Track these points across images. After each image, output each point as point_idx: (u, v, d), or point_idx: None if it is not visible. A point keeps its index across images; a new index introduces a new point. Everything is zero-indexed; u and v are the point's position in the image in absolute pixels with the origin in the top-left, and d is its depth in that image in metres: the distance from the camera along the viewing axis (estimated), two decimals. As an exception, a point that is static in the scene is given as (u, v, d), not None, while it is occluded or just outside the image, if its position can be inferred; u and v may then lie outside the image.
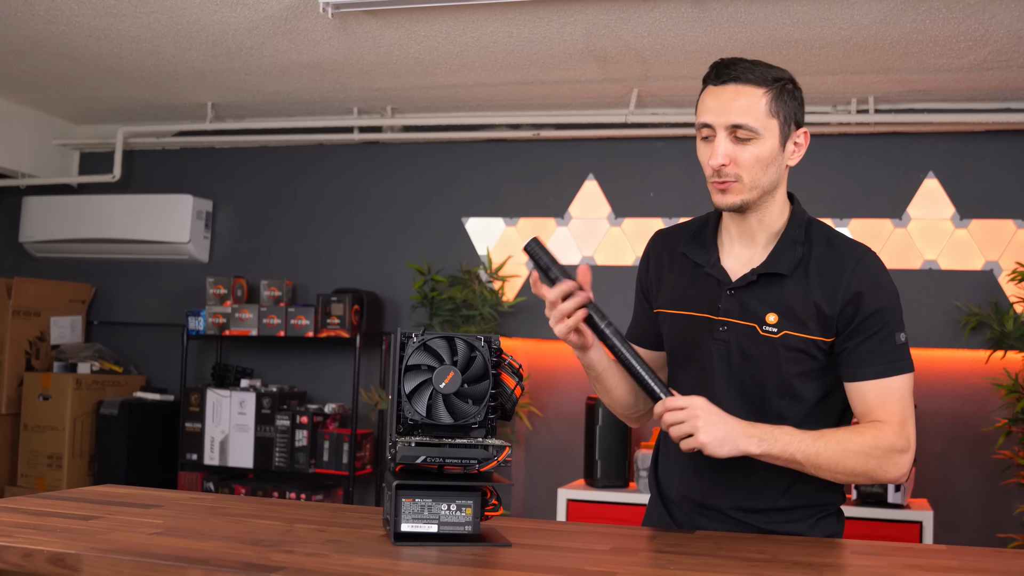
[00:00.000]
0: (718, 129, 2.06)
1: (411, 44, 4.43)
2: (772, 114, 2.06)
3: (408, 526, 1.82)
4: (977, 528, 4.77)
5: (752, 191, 2.08)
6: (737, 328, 2.12)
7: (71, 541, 1.75)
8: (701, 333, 2.16)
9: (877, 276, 2.10)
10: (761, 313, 2.10)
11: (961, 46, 4.16)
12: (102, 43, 4.60)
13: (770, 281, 2.11)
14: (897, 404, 2.06)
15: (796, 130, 2.13)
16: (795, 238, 2.13)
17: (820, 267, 2.10)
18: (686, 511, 2.21)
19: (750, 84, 2.05)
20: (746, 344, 2.11)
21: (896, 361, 2.07)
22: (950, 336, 4.87)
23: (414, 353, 1.86)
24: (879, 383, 2.07)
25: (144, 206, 5.85)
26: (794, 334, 2.08)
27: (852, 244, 2.15)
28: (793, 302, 2.09)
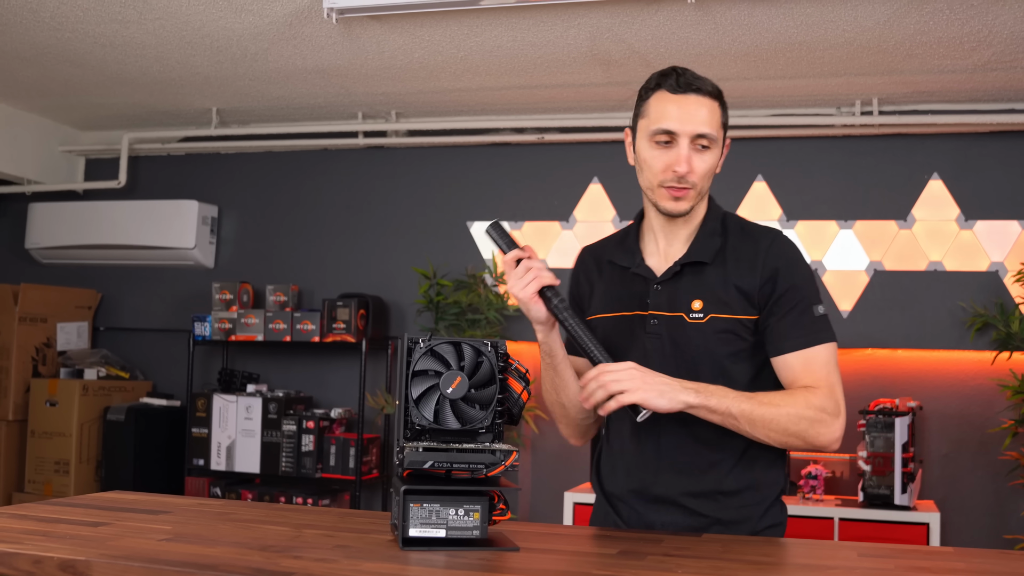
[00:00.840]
0: (682, 137, 2.13)
1: (415, 49, 4.44)
2: (721, 124, 2.18)
3: (416, 531, 1.82)
4: (984, 530, 4.77)
5: (699, 197, 2.20)
6: (666, 319, 2.20)
7: (81, 548, 1.75)
8: (634, 329, 2.24)
9: (791, 254, 2.20)
10: (687, 302, 2.19)
11: (965, 47, 4.17)
12: (107, 50, 4.62)
13: (693, 271, 2.21)
14: (823, 371, 2.15)
15: (726, 139, 2.25)
16: (712, 229, 2.24)
17: (737, 251, 2.21)
18: (634, 507, 2.24)
19: (708, 95, 2.15)
20: (676, 334, 2.19)
21: (817, 332, 2.16)
22: (956, 337, 4.87)
23: (421, 358, 1.86)
24: (803, 353, 2.15)
25: (149, 212, 5.87)
26: (719, 316, 2.17)
27: (765, 228, 2.26)
28: (715, 287, 2.18)
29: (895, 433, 4.44)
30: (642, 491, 2.22)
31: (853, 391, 4.89)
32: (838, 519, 4.42)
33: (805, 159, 5.13)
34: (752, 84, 4.76)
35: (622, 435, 2.28)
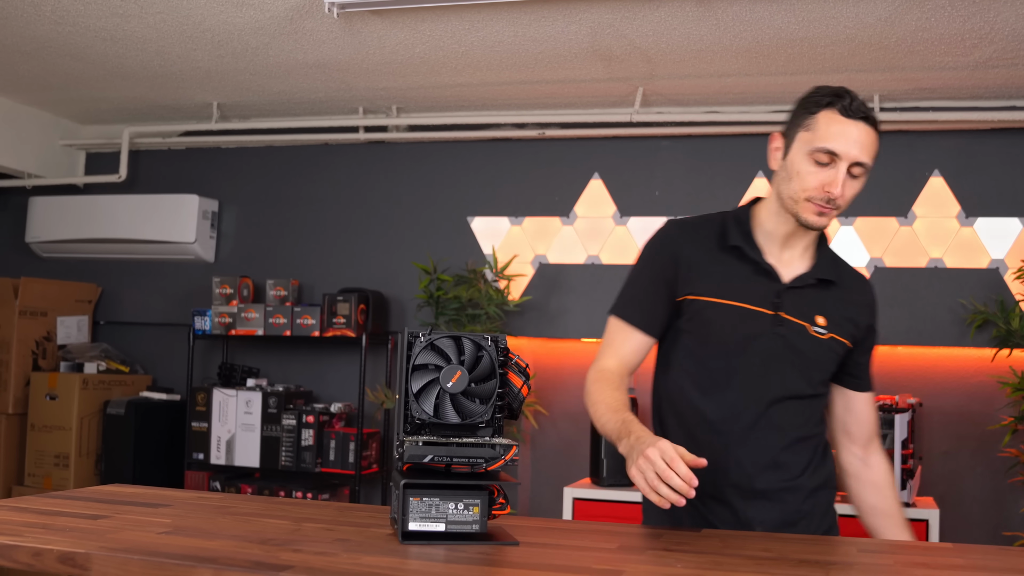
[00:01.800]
0: (843, 160, 2.18)
1: (416, 44, 4.44)
2: (874, 159, 2.23)
3: (416, 525, 1.82)
4: (983, 526, 4.77)
5: (835, 217, 2.29)
6: (791, 325, 2.27)
7: (80, 540, 1.76)
8: (759, 326, 2.27)
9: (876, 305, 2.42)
10: (811, 314, 2.29)
11: (966, 44, 4.16)
12: (108, 44, 4.61)
13: (820, 286, 2.32)
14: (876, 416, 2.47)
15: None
16: (831, 253, 2.39)
17: (849, 280, 2.37)
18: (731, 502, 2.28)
19: (873, 126, 2.21)
20: (799, 341, 2.27)
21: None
22: (956, 334, 4.87)
23: (421, 352, 1.86)
24: (871, 395, 2.43)
25: (150, 206, 5.86)
26: (837, 338, 2.30)
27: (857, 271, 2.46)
28: (836, 309, 2.31)
29: (895, 430, 4.44)
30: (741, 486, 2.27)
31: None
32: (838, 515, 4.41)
33: (806, 155, 5.12)
34: (753, 80, 4.76)
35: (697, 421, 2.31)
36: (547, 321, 5.36)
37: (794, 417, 2.29)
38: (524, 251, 5.46)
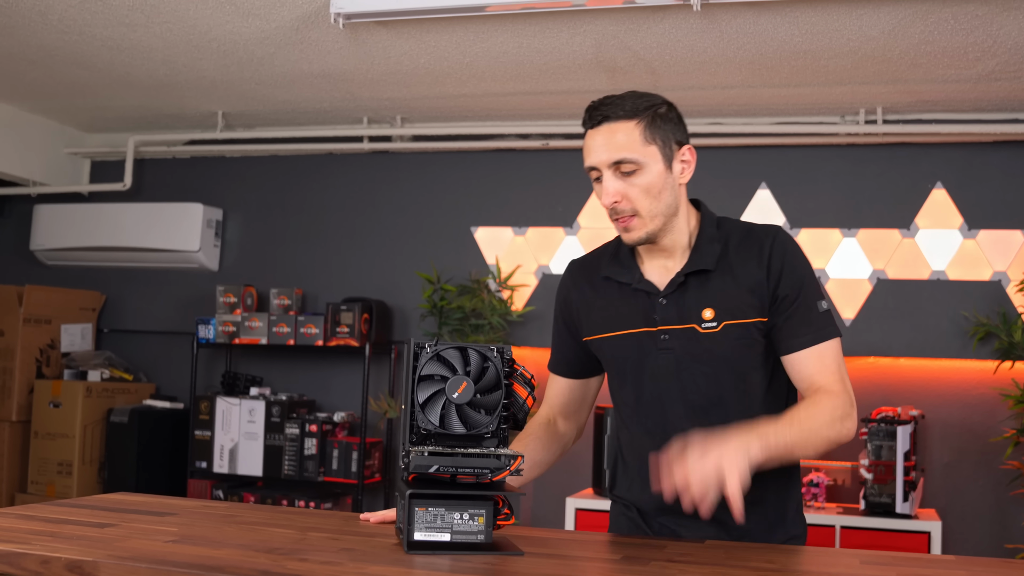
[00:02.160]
0: (603, 169, 2.12)
1: (421, 54, 4.46)
2: (648, 141, 2.12)
3: (421, 535, 1.83)
4: (985, 539, 4.77)
5: (653, 220, 2.15)
6: (677, 333, 2.17)
7: (88, 548, 1.76)
8: (644, 347, 2.20)
9: (793, 251, 2.19)
10: (697, 311, 2.17)
11: (969, 57, 4.18)
12: (114, 53, 4.63)
13: (698, 280, 2.19)
14: (833, 365, 2.15)
15: (680, 149, 2.18)
16: (710, 236, 2.22)
17: (740, 253, 2.20)
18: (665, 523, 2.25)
19: (621, 119, 2.11)
20: (691, 346, 2.17)
21: (824, 327, 2.16)
22: (958, 346, 4.88)
23: (427, 363, 1.87)
24: (814, 350, 2.15)
25: (154, 214, 5.88)
26: (733, 322, 2.16)
27: (764, 226, 2.25)
28: (724, 293, 2.17)
29: (897, 441, 4.45)
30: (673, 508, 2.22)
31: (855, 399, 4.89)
32: (839, 527, 4.43)
33: (809, 167, 5.14)
34: (756, 92, 4.78)
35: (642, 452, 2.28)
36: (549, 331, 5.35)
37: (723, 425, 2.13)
38: (527, 261, 5.47)
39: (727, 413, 2.16)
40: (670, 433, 2.20)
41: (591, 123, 2.14)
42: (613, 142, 2.11)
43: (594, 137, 2.14)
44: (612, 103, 2.13)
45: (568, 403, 2.44)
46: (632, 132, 2.11)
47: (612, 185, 2.12)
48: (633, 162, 2.10)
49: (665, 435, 2.21)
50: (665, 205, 2.15)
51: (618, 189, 2.11)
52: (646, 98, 2.15)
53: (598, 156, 2.12)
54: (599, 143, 2.12)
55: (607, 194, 2.12)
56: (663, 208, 2.15)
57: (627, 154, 2.10)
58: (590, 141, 2.15)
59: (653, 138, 2.12)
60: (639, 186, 2.11)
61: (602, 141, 2.12)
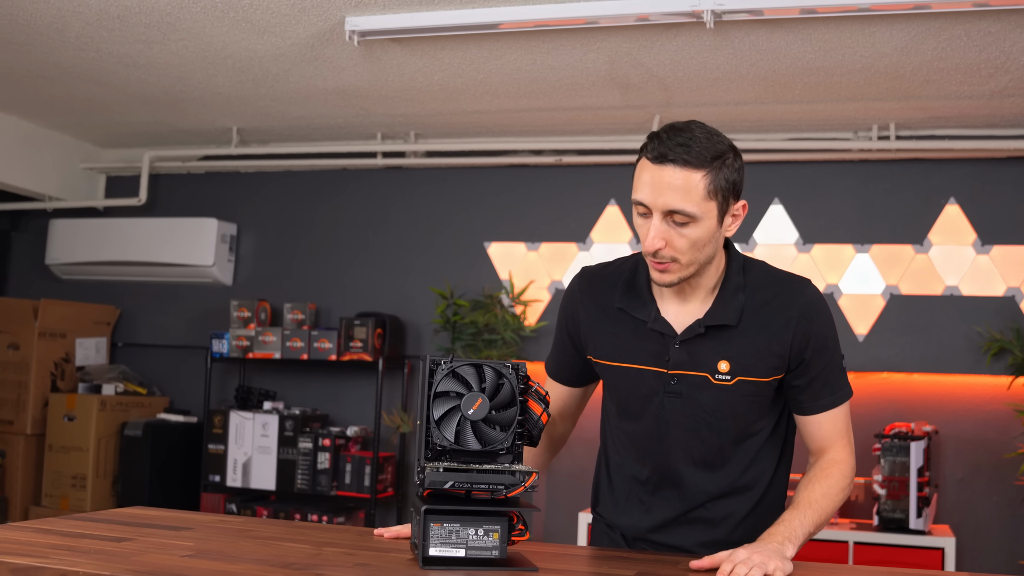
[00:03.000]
0: (654, 211, 2.00)
1: (435, 71, 4.48)
2: (710, 196, 2.00)
3: (436, 550, 1.84)
4: (999, 555, 4.76)
5: (689, 268, 2.06)
6: (689, 379, 2.13)
7: (106, 563, 1.78)
8: (651, 386, 2.17)
9: (821, 309, 2.15)
10: (712, 362, 2.12)
11: (982, 73, 4.18)
12: (131, 69, 4.67)
13: (717, 330, 2.12)
14: (845, 428, 2.20)
15: (735, 203, 2.08)
16: (736, 284, 2.14)
17: (765, 308, 2.12)
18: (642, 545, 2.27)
19: (688, 167, 1.97)
20: (699, 394, 2.13)
21: (842, 389, 2.19)
22: (972, 362, 4.87)
23: (443, 380, 1.88)
24: (832, 413, 2.18)
25: (169, 229, 5.91)
26: (748, 379, 2.11)
27: (792, 279, 2.18)
28: (742, 348, 2.11)
29: (910, 457, 4.44)
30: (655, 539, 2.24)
31: (869, 415, 4.90)
32: (853, 543, 4.42)
33: (822, 183, 5.15)
34: (770, 108, 4.79)
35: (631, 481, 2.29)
36: (563, 346, 5.37)
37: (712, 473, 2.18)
38: (540, 277, 5.48)
39: (725, 460, 2.17)
40: (664, 473, 2.22)
41: (654, 158, 1.99)
42: (673, 191, 1.98)
43: (654, 175, 1.99)
44: (681, 142, 1.98)
45: (567, 408, 2.43)
46: (697, 185, 1.98)
47: (659, 231, 2.00)
48: (688, 216, 1.98)
49: (660, 473, 2.23)
50: (705, 256, 2.07)
51: (664, 236, 2.00)
52: (716, 142, 2.02)
53: (654, 198, 1.99)
54: (658, 184, 1.99)
55: (652, 238, 2.00)
56: (702, 259, 2.07)
57: (686, 207, 1.98)
58: (648, 176, 2.00)
59: (715, 192, 2.00)
60: (687, 238, 2.01)
61: (662, 184, 1.98)
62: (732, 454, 2.18)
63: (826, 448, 2.18)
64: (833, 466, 2.15)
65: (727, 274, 2.15)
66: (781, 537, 1.98)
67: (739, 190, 2.08)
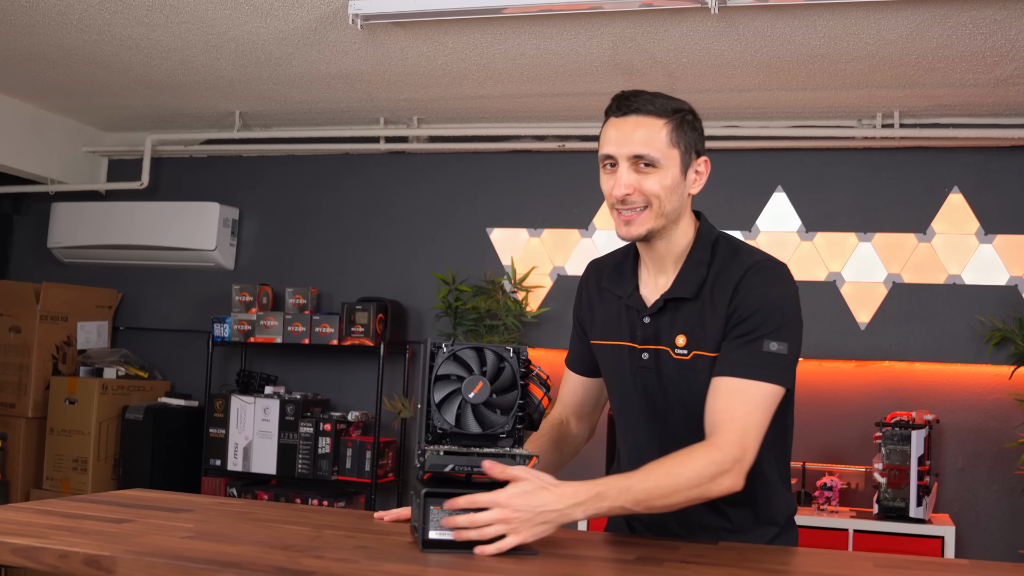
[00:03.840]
0: (620, 160, 2.08)
1: (439, 56, 4.47)
2: (673, 144, 2.09)
3: (436, 533, 1.84)
4: (999, 544, 4.76)
5: (658, 219, 2.10)
6: (655, 354, 2.16)
7: (105, 543, 1.78)
8: (626, 362, 2.20)
9: (764, 282, 2.08)
10: (671, 336, 2.14)
11: (987, 61, 4.17)
12: (133, 52, 4.66)
13: (677, 305, 2.14)
14: (743, 408, 2.00)
15: (697, 159, 2.15)
16: (699, 259, 2.15)
17: (719, 281, 2.11)
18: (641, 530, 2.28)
19: (650, 115, 2.08)
20: (665, 368, 2.14)
21: (758, 367, 2.02)
22: (974, 351, 4.87)
23: (444, 363, 1.88)
24: (733, 383, 2.02)
25: (171, 213, 5.91)
26: (702, 353, 2.09)
27: (753, 255, 2.15)
28: (697, 322, 2.11)
29: (911, 446, 4.44)
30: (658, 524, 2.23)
31: (869, 403, 4.90)
32: (853, 531, 4.42)
33: (825, 171, 5.14)
34: (773, 95, 4.77)
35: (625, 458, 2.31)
36: (565, 333, 5.35)
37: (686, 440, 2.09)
38: (543, 263, 5.48)
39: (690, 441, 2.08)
40: (639, 449, 2.22)
41: (618, 112, 2.10)
42: (638, 136, 2.07)
43: (619, 127, 2.10)
44: (643, 97, 2.10)
45: (582, 403, 2.44)
46: (659, 131, 2.08)
47: (627, 177, 2.08)
48: (653, 160, 2.07)
49: (639, 450, 2.23)
50: (671, 208, 2.11)
51: (630, 182, 2.08)
52: (676, 101, 2.13)
53: (620, 146, 2.08)
54: (623, 133, 2.08)
55: (620, 185, 2.08)
56: (669, 210, 2.11)
57: (650, 151, 2.07)
58: (612, 130, 2.10)
59: (677, 142, 2.09)
60: (653, 183, 2.08)
61: (627, 132, 2.08)
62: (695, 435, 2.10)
63: (713, 428, 2.00)
64: (703, 447, 1.97)
65: (694, 247, 2.17)
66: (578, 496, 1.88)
67: (701, 148, 2.16)
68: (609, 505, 1.89)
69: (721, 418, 2.00)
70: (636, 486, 1.91)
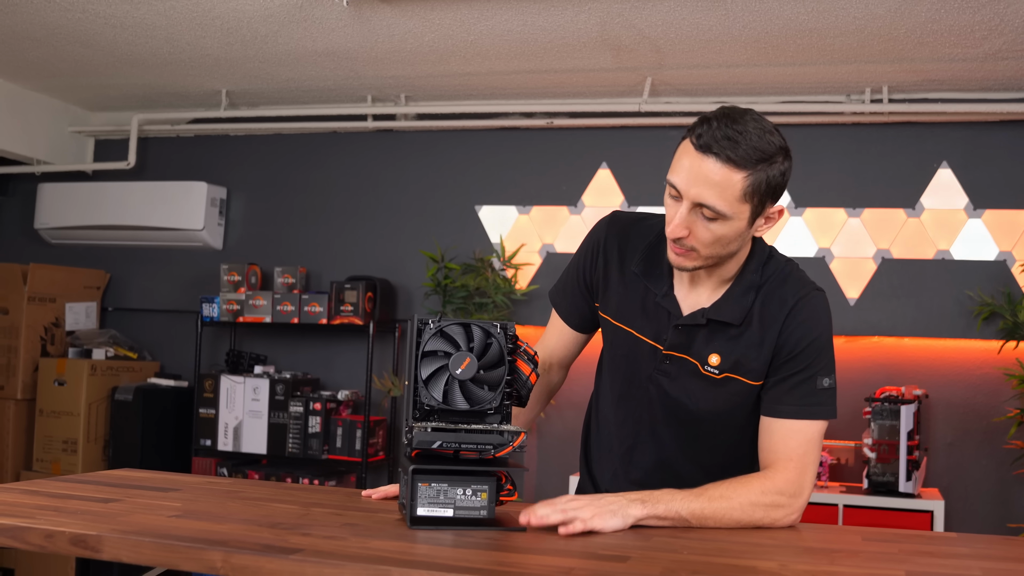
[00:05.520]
0: (685, 199, 1.93)
1: (425, 32, 4.44)
2: (746, 199, 1.93)
3: (424, 510, 1.83)
4: (987, 518, 4.78)
5: (708, 261, 2.02)
6: (680, 362, 2.11)
7: (92, 523, 1.77)
8: (646, 358, 2.15)
9: (813, 317, 2.05)
10: (705, 353, 2.09)
11: (976, 36, 4.16)
12: (118, 30, 4.62)
13: (718, 324, 2.08)
14: (801, 448, 2.01)
15: (771, 207, 2.01)
16: (750, 283, 2.08)
17: (766, 309, 2.06)
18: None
19: (729, 165, 1.89)
20: (687, 379, 2.11)
21: (813, 405, 2.02)
22: (962, 326, 4.87)
23: (431, 339, 1.87)
24: (788, 423, 2.03)
25: (158, 193, 5.88)
26: (735, 378, 2.07)
27: (800, 285, 2.08)
28: (736, 348, 2.07)
29: (900, 421, 4.45)
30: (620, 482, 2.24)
31: (859, 378, 4.91)
32: (842, 506, 4.44)
33: (814, 146, 5.13)
34: (762, 71, 4.76)
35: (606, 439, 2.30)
36: (554, 310, 5.37)
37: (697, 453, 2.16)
38: (532, 240, 5.47)
39: (704, 450, 2.15)
40: (635, 446, 2.22)
41: (698, 147, 1.91)
42: (710, 184, 1.90)
43: (694, 162, 1.91)
44: (731, 139, 1.89)
45: (568, 354, 2.41)
46: (734, 185, 1.90)
47: (685, 219, 1.95)
48: (718, 213, 1.92)
49: (632, 445, 2.23)
50: (728, 253, 2.02)
51: (689, 225, 1.95)
52: (767, 142, 1.93)
53: (687, 186, 1.92)
54: (695, 174, 1.91)
55: (676, 225, 1.95)
56: (724, 255, 2.02)
57: (717, 204, 1.91)
58: (688, 162, 1.92)
59: (752, 196, 1.93)
60: (713, 233, 1.95)
61: (699, 174, 1.90)
62: (712, 447, 2.16)
63: (770, 465, 2.02)
64: (760, 477, 1.99)
65: (744, 270, 2.10)
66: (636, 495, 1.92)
67: (779, 194, 2.01)
68: (664, 508, 1.91)
69: (778, 457, 2.02)
70: (691, 498, 1.93)
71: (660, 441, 2.19)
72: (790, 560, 1.70)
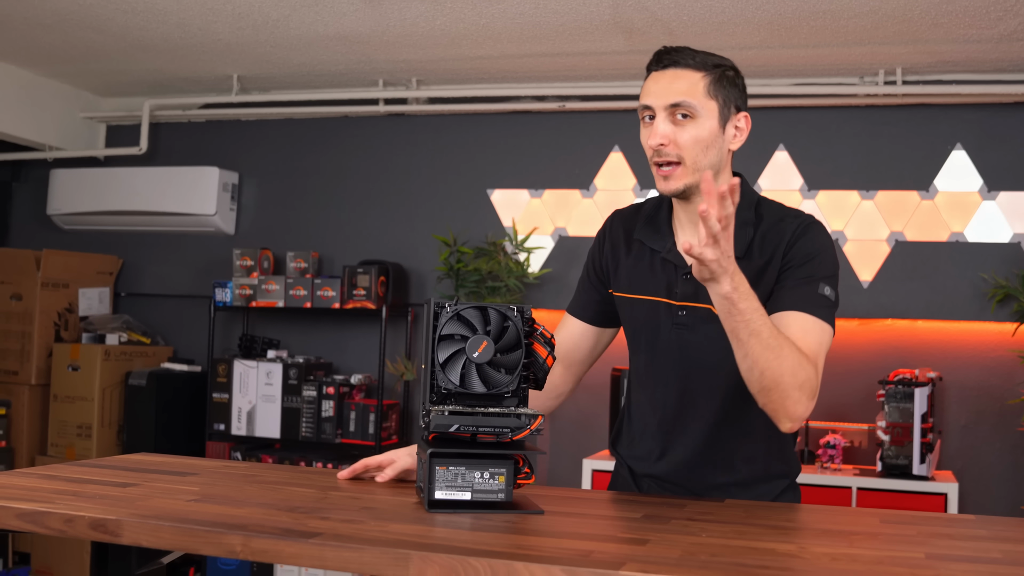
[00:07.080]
0: (657, 110, 2.11)
1: (437, 16, 4.43)
2: (711, 96, 2.11)
3: (442, 493, 1.84)
4: (1002, 501, 4.77)
5: (695, 174, 2.11)
6: (694, 311, 2.17)
7: (111, 507, 1.78)
8: (662, 316, 2.21)
9: (818, 235, 2.14)
10: None
11: (991, 16, 4.13)
12: (129, 16, 4.62)
13: None
14: (815, 346, 2.03)
15: (736, 114, 2.16)
16: (745, 219, 2.16)
17: (768, 239, 2.15)
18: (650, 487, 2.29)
19: (689, 68, 2.11)
20: (706, 327, 2.14)
21: (819, 307, 2.07)
22: (977, 308, 4.86)
23: (447, 323, 1.87)
24: (801, 316, 2.05)
25: (170, 178, 5.88)
26: None
27: (799, 214, 2.20)
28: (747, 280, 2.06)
29: (914, 403, 4.44)
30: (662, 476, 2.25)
31: (873, 361, 4.90)
32: (856, 488, 4.43)
33: (827, 128, 5.11)
34: (775, 53, 4.74)
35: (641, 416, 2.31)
36: (566, 293, 5.35)
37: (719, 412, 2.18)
38: (544, 223, 5.46)
39: (733, 399, 2.15)
40: (667, 406, 2.23)
41: (658, 65, 2.14)
42: (675, 86, 2.10)
43: (657, 79, 2.13)
44: (683, 51, 2.13)
45: (574, 349, 2.43)
46: (697, 82, 2.10)
47: (663, 127, 2.09)
48: (690, 109, 2.09)
49: (664, 407, 2.24)
50: (709, 162, 2.11)
51: (667, 132, 2.09)
52: (716, 57, 2.16)
53: (657, 96, 2.11)
54: (661, 84, 2.12)
55: (655, 135, 2.10)
56: (706, 164, 2.11)
57: (686, 99, 2.09)
58: (651, 82, 2.14)
59: (715, 94, 2.11)
60: (690, 134, 2.09)
61: (665, 83, 2.11)
62: (740, 394, 2.14)
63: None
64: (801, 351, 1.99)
65: (737, 208, 2.12)
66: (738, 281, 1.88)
67: (741, 104, 2.17)
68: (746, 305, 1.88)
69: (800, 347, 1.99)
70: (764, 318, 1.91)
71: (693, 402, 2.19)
72: (809, 542, 1.70)
